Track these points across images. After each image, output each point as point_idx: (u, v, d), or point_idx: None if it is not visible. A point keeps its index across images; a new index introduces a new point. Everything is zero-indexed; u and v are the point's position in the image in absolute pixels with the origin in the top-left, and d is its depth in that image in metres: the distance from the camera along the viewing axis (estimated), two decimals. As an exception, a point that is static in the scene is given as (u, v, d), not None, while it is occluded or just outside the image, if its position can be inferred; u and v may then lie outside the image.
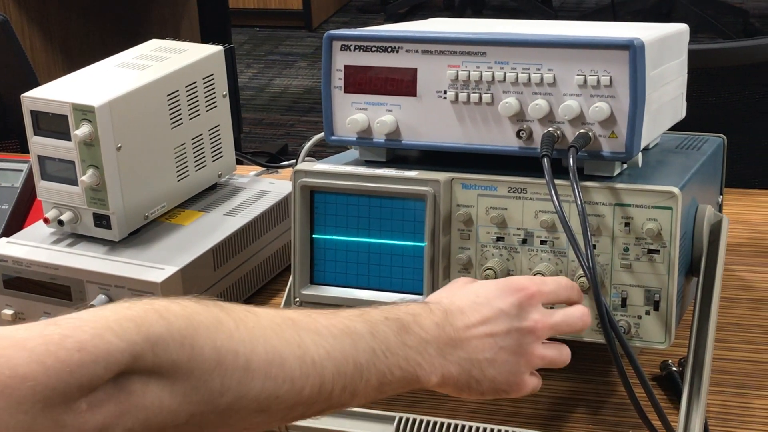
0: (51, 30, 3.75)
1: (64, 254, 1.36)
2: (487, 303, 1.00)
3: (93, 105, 1.30)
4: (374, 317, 0.94)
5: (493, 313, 0.99)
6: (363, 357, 0.91)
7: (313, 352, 0.89)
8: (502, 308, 1.00)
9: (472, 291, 1.02)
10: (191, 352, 0.83)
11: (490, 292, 1.01)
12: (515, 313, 1.00)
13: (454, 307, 0.99)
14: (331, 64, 1.20)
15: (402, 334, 0.94)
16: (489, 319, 0.99)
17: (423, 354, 0.95)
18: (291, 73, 5.34)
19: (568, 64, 1.11)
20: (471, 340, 0.98)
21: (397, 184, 1.16)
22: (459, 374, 0.97)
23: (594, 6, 6.07)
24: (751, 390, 1.21)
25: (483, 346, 0.98)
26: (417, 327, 0.95)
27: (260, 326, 0.88)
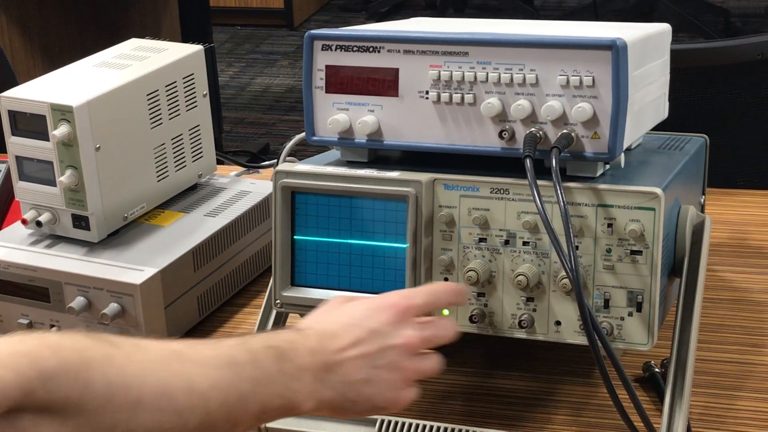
0: (30, 29, 3.72)
1: (42, 256, 1.35)
2: (358, 324, 1.01)
3: (71, 105, 1.29)
4: (255, 346, 0.95)
5: (365, 334, 1.00)
6: (245, 387, 0.93)
7: (200, 384, 0.90)
8: (373, 328, 1.00)
9: (345, 313, 1.03)
10: (83, 388, 0.84)
11: (362, 313, 1.02)
12: (387, 331, 1.01)
13: (326, 332, 1.00)
14: (312, 64, 1.19)
15: (281, 362, 0.95)
16: (361, 341, 1.00)
17: (300, 381, 0.96)
18: (272, 72, 5.32)
19: (551, 65, 1.11)
20: (344, 363, 0.98)
21: (378, 184, 1.15)
22: (334, 398, 0.98)
23: (575, 5, 6.07)
24: (733, 391, 1.21)
25: (357, 367, 0.99)
26: (294, 354, 0.96)
27: (149, 360, 0.89)
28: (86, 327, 1.32)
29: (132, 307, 1.28)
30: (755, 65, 1.86)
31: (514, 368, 1.27)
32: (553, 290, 1.13)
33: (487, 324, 1.16)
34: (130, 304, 1.28)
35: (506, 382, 1.25)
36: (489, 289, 1.15)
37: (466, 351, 1.30)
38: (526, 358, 1.28)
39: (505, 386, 1.24)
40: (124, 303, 1.29)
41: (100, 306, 1.29)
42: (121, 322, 1.30)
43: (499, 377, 1.26)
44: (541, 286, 1.13)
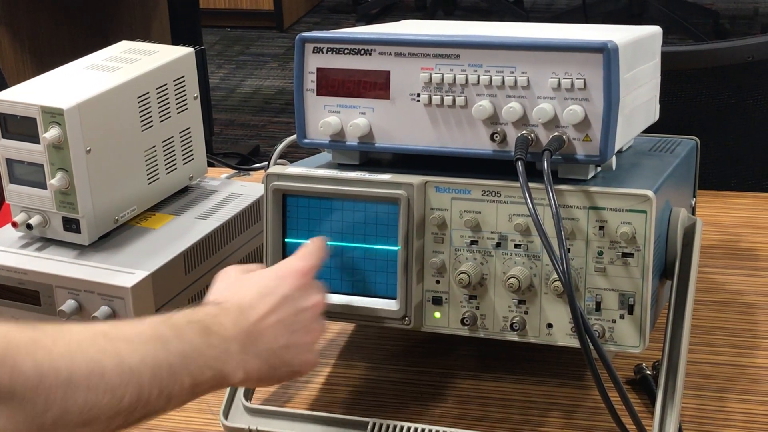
0: (20, 31, 3.71)
1: (32, 258, 1.34)
2: (272, 292, 1.04)
3: (62, 107, 1.29)
4: (178, 321, 0.97)
5: (279, 301, 1.04)
6: (174, 360, 0.94)
7: (129, 359, 0.91)
8: (285, 294, 1.05)
9: (255, 283, 1.06)
10: (11, 372, 0.83)
11: (271, 281, 1.05)
12: (298, 295, 1.05)
13: (244, 303, 1.03)
14: (304, 67, 1.19)
15: (206, 335, 0.97)
16: (278, 307, 1.03)
17: (227, 352, 0.99)
18: (262, 74, 5.32)
19: (542, 67, 1.11)
20: (266, 330, 1.02)
21: (370, 187, 1.15)
22: (260, 366, 1.01)
23: (565, 7, 6.08)
24: (725, 393, 1.21)
25: (277, 334, 1.03)
26: (218, 326, 0.99)
27: (75, 340, 0.89)
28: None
29: (123, 310, 1.28)
30: (745, 67, 1.87)
31: (505, 371, 1.27)
32: (544, 293, 1.13)
33: (478, 326, 1.16)
34: (121, 307, 1.28)
35: (498, 384, 1.25)
36: (481, 292, 1.15)
37: (458, 354, 1.30)
38: (517, 361, 1.28)
39: (496, 389, 1.24)
40: (115, 306, 1.28)
41: (91, 309, 1.29)
42: (112, 326, 1.29)
43: (490, 380, 1.26)
44: (532, 288, 1.13)
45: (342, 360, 1.31)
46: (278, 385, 1.26)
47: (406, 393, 1.25)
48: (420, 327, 1.17)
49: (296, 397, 1.25)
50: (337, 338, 1.35)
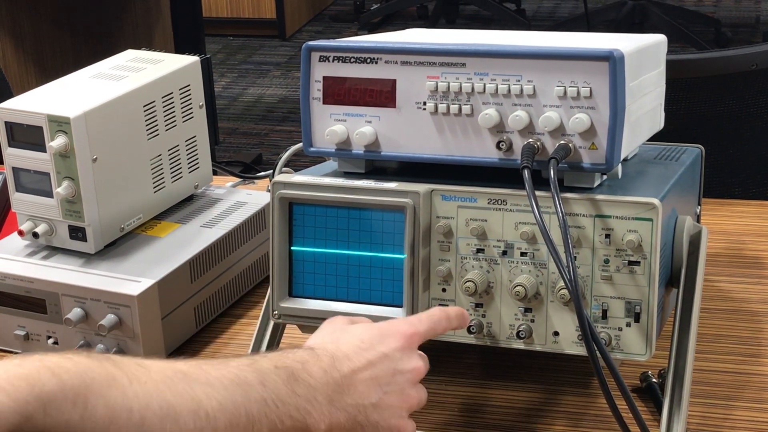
0: (23, 39, 3.72)
1: (39, 267, 1.34)
2: (371, 348, 1.01)
3: (68, 116, 1.29)
4: (264, 366, 0.95)
5: (377, 358, 1.01)
6: (254, 407, 0.92)
7: (206, 404, 0.89)
8: (385, 353, 1.01)
9: (356, 336, 1.03)
10: (83, 411, 0.83)
11: (374, 337, 1.02)
12: (398, 357, 1.02)
13: (339, 353, 1.00)
14: (310, 76, 1.19)
15: (291, 382, 0.95)
16: (374, 364, 1.00)
17: (312, 402, 0.96)
18: (265, 82, 5.32)
19: (548, 76, 1.11)
20: (357, 385, 0.99)
21: (376, 195, 1.16)
22: (346, 420, 0.98)
23: (567, 15, 6.09)
24: (731, 401, 1.21)
25: (368, 390, 0.99)
26: (306, 374, 0.96)
27: (153, 380, 0.88)
28: (83, 339, 1.31)
29: (129, 319, 1.28)
30: (749, 75, 1.87)
31: (511, 379, 1.27)
32: (551, 301, 1.13)
33: (485, 335, 1.16)
34: (127, 315, 1.28)
35: (504, 392, 1.25)
36: (487, 300, 1.15)
37: (465, 361, 1.30)
38: (523, 369, 1.28)
39: (503, 397, 1.24)
40: (121, 314, 1.28)
41: (97, 317, 1.29)
42: (118, 334, 1.30)
43: (497, 388, 1.26)
44: (539, 296, 1.13)
45: (348, 368, 1.31)
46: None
47: (412, 401, 1.25)
48: (426, 335, 1.17)
49: (302, 405, 1.25)
50: (342, 346, 1.35)
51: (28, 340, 1.35)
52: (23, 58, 3.73)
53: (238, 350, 1.36)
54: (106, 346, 1.31)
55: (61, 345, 1.33)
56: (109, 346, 1.31)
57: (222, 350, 1.37)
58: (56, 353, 0.86)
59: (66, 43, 3.92)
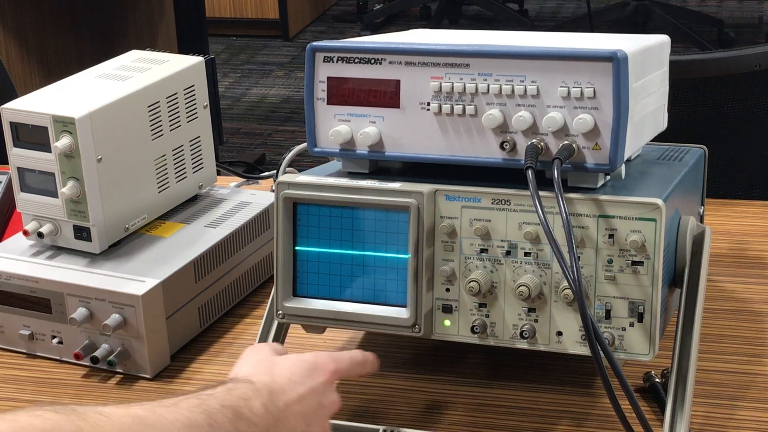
0: (27, 39, 3.72)
1: (44, 267, 1.35)
2: (301, 382, 1.08)
3: (73, 116, 1.30)
4: (212, 407, 0.99)
5: (306, 392, 1.08)
6: None
7: None
8: (313, 387, 1.08)
9: (288, 368, 1.09)
10: None
11: (303, 371, 1.09)
12: (322, 391, 1.09)
13: (276, 386, 1.06)
14: (314, 76, 1.19)
15: (236, 421, 1.00)
16: (303, 398, 1.07)
17: None
18: (268, 83, 5.33)
19: (552, 76, 1.11)
20: (289, 417, 1.05)
21: (380, 195, 1.16)
22: None
23: (570, 15, 6.09)
24: (734, 401, 1.22)
25: (297, 423, 1.06)
26: (249, 412, 1.02)
27: (115, 428, 0.92)
28: (88, 339, 1.32)
29: (133, 318, 1.29)
30: (752, 76, 1.87)
31: (515, 379, 1.27)
32: (554, 301, 1.13)
33: (488, 334, 1.16)
34: (132, 314, 1.29)
35: (507, 392, 1.25)
36: (490, 300, 1.15)
37: (468, 361, 1.31)
38: (527, 369, 1.29)
39: (506, 396, 1.25)
40: (126, 314, 1.29)
41: (102, 317, 1.29)
42: (123, 333, 1.30)
43: (500, 387, 1.26)
44: (542, 296, 1.14)
45: (352, 368, 1.31)
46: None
47: (415, 401, 1.25)
48: (430, 335, 1.18)
49: (306, 405, 1.25)
50: (346, 346, 1.35)
51: (33, 340, 1.35)
52: (27, 59, 3.73)
53: (243, 349, 1.36)
54: (110, 346, 1.31)
55: (66, 344, 1.33)
56: (113, 346, 1.31)
57: (226, 350, 1.38)
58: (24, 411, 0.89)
59: (69, 43, 3.92)
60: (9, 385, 1.32)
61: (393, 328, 1.17)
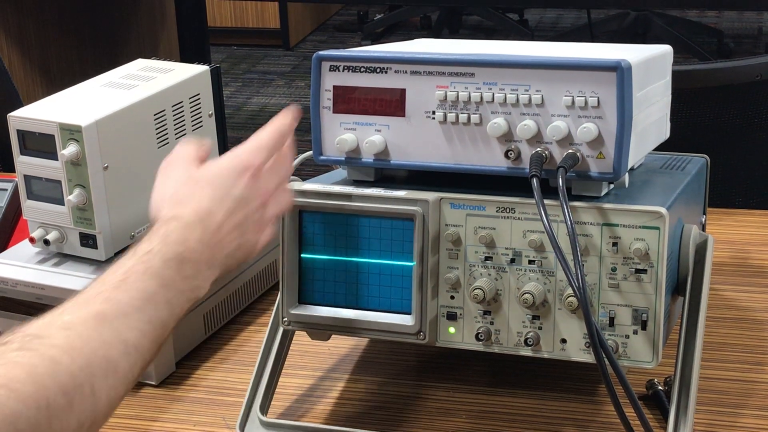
0: (30, 48, 3.74)
1: (50, 274, 1.36)
2: (227, 194, 1.05)
3: (80, 124, 1.30)
4: (157, 267, 0.98)
5: (233, 204, 1.05)
6: (164, 313, 0.98)
7: (130, 338, 0.94)
8: (238, 195, 1.06)
9: (209, 182, 1.06)
10: (48, 411, 0.85)
11: (224, 180, 1.06)
12: (249, 194, 1.07)
13: (203, 211, 1.04)
14: (320, 85, 1.20)
15: (181, 269, 1.00)
16: (232, 211, 1.05)
17: (198, 277, 1.02)
18: (269, 92, 5.34)
19: (556, 85, 1.12)
20: (224, 238, 1.04)
21: (385, 203, 1.17)
22: (220, 273, 1.05)
23: (570, 26, 6.11)
24: (737, 409, 1.22)
25: (232, 238, 1.05)
26: (189, 253, 1.01)
27: (84, 341, 0.91)
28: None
29: (139, 325, 1.29)
30: (753, 86, 1.88)
31: (519, 386, 1.28)
32: (558, 308, 1.14)
33: (492, 342, 1.17)
34: (138, 322, 1.29)
35: (511, 399, 1.26)
36: (495, 307, 1.16)
37: (472, 368, 1.31)
38: (531, 376, 1.29)
39: (510, 404, 1.25)
40: (132, 321, 1.29)
41: (108, 324, 1.30)
42: (129, 340, 1.30)
43: (504, 395, 1.27)
44: (546, 304, 1.14)
45: (356, 375, 1.32)
46: (293, 400, 1.27)
47: (420, 408, 1.26)
48: (434, 342, 1.18)
49: (311, 411, 1.26)
50: (351, 353, 1.36)
51: (38, 347, 1.36)
52: (29, 68, 3.74)
53: (248, 357, 1.37)
54: (116, 353, 1.31)
55: (72, 351, 1.34)
56: (119, 353, 1.31)
57: (231, 357, 1.38)
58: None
59: (72, 52, 3.94)
60: (15, 392, 1.32)
61: (398, 336, 1.18)
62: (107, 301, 0.95)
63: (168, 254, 1.00)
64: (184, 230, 1.02)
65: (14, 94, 2.27)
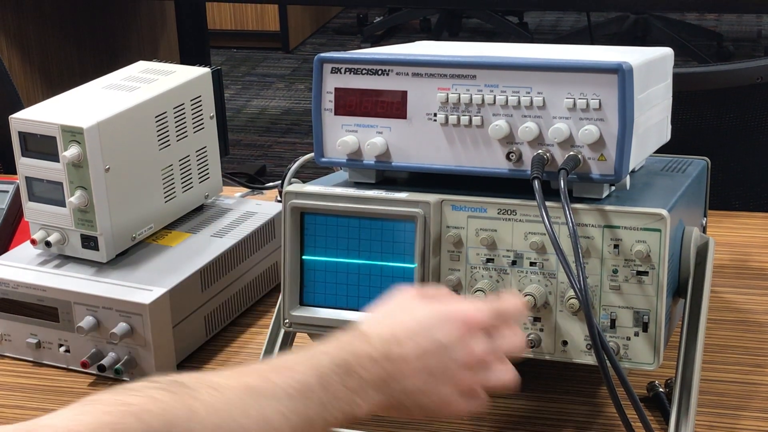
0: (30, 51, 3.74)
1: (51, 275, 1.36)
2: (425, 333, 1.01)
3: (82, 126, 1.31)
4: (324, 366, 0.98)
5: (430, 345, 1.01)
6: (313, 411, 0.96)
7: (274, 420, 0.94)
8: (438, 340, 1.01)
9: (413, 316, 1.03)
10: None
11: (431, 320, 1.02)
12: (452, 344, 1.01)
13: (391, 338, 1.00)
14: (322, 87, 1.20)
15: (346, 379, 0.98)
16: (426, 352, 1.00)
17: (361, 394, 0.99)
18: (268, 95, 5.34)
19: (558, 88, 1.12)
20: (406, 372, 1.00)
21: (387, 205, 1.17)
22: (391, 403, 1.01)
23: (569, 29, 6.11)
24: (738, 411, 1.22)
25: (416, 379, 1.00)
26: (359, 368, 0.99)
27: (226, 406, 0.92)
28: (95, 347, 1.32)
29: (141, 327, 1.29)
30: (753, 89, 1.88)
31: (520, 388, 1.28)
32: (560, 310, 1.14)
33: (494, 344, 1.17)
34: (139, 323, 1.29)
35: (512, 401, 1.26)
36: (496, 309, 1.16)
37: (472, 371, 1.31)
38: (531, 378, 1.29)
39: (511, 406, 1.25)
40: (133, 322, 1.30)
41: (109, 325, 1.30)
42: (130, 342, 1.31)
43: (505, 397, 1.26)
44: (548, 306, 1.15)
45: (357, 377, 1.32)
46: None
47: (421, 409, 1.26)
48: (436, 344, 1.18)
49: (312, 414, 1.26)
50: (352, 355, 1.36)
51: (39, 348, 1.36)
52: (30, 70, 3.74)
53: (248, 359, 1.37)
54: (117, 354, 1.32)
55: (73, 353, 1.34)
56: (120, 354, 1.32)
57: (232, 359, 1.38)
58: (137, 392, 0.89)
59: (72, 55, 3.94)
60: (16, 393, 1.33)
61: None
62: (263, 379, 0.96)
63: (337, 359, 0.99)
64: (362, 344, 1.00)
65: (15, 96, 2.27)
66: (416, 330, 1.01)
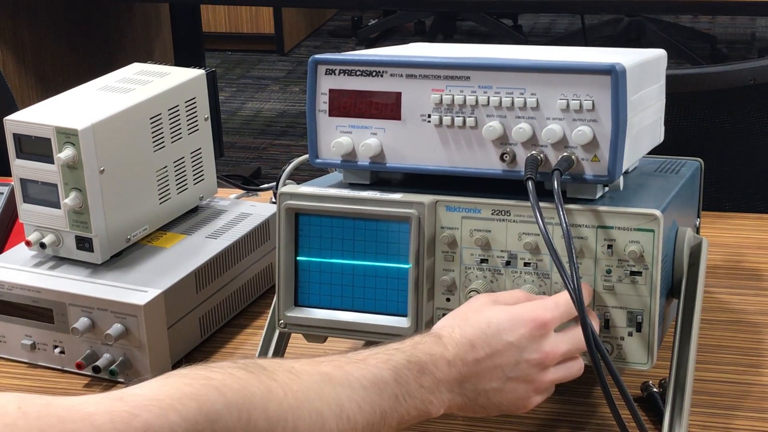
0: (24, 53, 3.74)
1: (46, 277, 1.36)
2: (497, 335, 1.05)
3: (76, 128, 1.31)
4: (399, 362, 1.01)
5: (502, 346, 1.05)
6: (387, 405, 0.99)
7: (348, 408, 0.96)
8: (510, 341, 1.05)
9: (484, 320, 1.06)
10: (247, 426, 0.89)
11: (502, 323, 1.05)
12: (525, 345, 1.05)
13: (464, 341, 1.04)
14: (316, 88, 1.21)
15: (420, 377, 1.01)
16: (498, 353, 1.04)
17: (435, 393, 1.02)
18: (263, 97, 5.34)
19: (551, 89, 1.13)
20: (479, 373, 1.04)
21: (381, 206, 1.17)
22: (465, 403, 1.05)
23: (563, 31, 6.12)
24: (731, 411, 1.23)
25: (490, 378, 1.04)
26: (433, 368, 1.02)
27: (303, 388, 0.94)
28: (90, 348, 1.33)
29: (135, 328, 1.30)
30: (746, 90, 1.89)
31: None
32: (554, 310, 1.14)
33: (488, 344, 1.17)
34: (134, 324, 1.30)
35: (506, 401, 1.26)
36: (490, 310, 1.16)
37: (467, 371, 1.31)
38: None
39: (505, 406, 1.26)
40: (128, 324, 1.30)
41: (104, 327, 1.30)
42: (125, 343, 1.31)
43: (499, 397, 1.27)
44: (542, 306, 1.15)
45: (352, 378, 1.32)
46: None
47: (415, 410, 1.26)
48: (430, 344, 1.19)
49: (307, 414, 1.26)
50: (346, 356, 1.36)
51: (34, 350, 1.36)
52: (24, 72, 3.74)
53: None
54: (112, 356, 1.32)
55: (68, 354, 1.34)
56: (115, 356, 1.32)
57: (226, 359, 1.38)
58: (218, 368, 0.92)
59: (67, 57, 3.93)
60: (11, 395, 1.33)
61: (394, 338, 1.18)
62: (339, 368, 0.98)
63: (412, 358, 1.02)
64: (436, 346, 1.04)
65: (9, 98, 2.27)
66: (489, 333, 1.05)
